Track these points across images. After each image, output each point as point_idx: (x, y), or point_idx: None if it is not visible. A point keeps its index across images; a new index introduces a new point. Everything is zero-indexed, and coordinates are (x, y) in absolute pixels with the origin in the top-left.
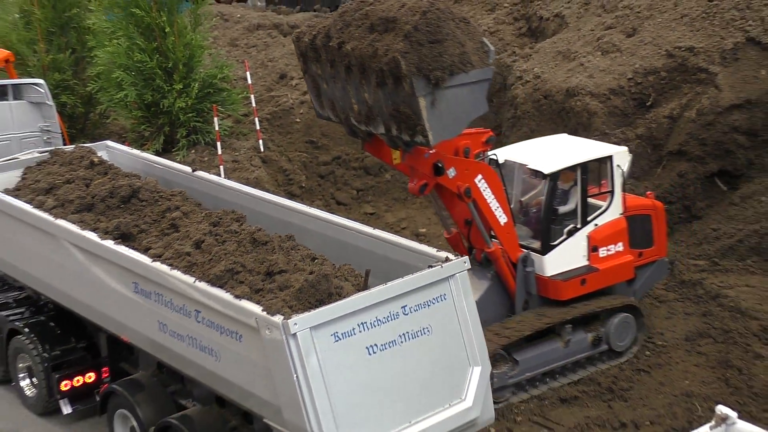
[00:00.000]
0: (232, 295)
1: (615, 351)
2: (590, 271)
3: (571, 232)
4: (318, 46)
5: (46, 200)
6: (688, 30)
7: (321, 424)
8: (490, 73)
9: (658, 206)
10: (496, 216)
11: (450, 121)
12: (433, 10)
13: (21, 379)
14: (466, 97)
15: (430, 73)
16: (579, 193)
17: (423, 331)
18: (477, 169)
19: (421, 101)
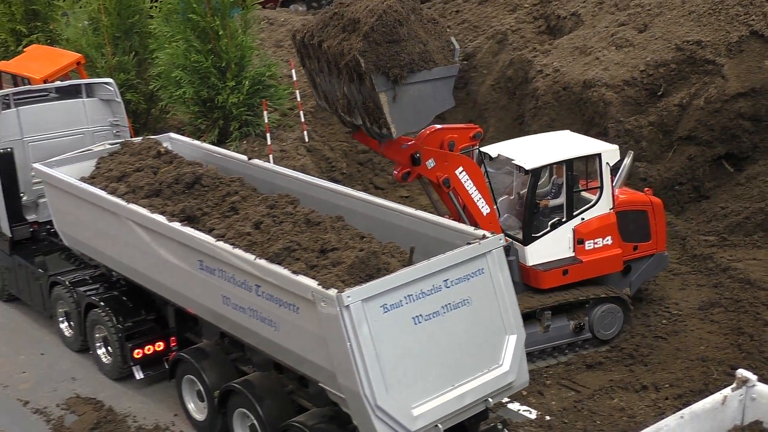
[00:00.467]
0: (290, 271)
1: (599, 339)
2: (573, 262)
3: (555, 225)
4: (306, 44)
5: (118, 187)
6: (695, 25)
7: (372, 388)
8: (455, 70)
9: (655, 202)
10: (478, 207)
11: (413, 115)
12: (391, 12)
13: (97, 348)
14: (430, 92)
15: (388, 71)
16: (564, 188)
17: (463, 303)
18: (457, 162)
19: (382, 96)
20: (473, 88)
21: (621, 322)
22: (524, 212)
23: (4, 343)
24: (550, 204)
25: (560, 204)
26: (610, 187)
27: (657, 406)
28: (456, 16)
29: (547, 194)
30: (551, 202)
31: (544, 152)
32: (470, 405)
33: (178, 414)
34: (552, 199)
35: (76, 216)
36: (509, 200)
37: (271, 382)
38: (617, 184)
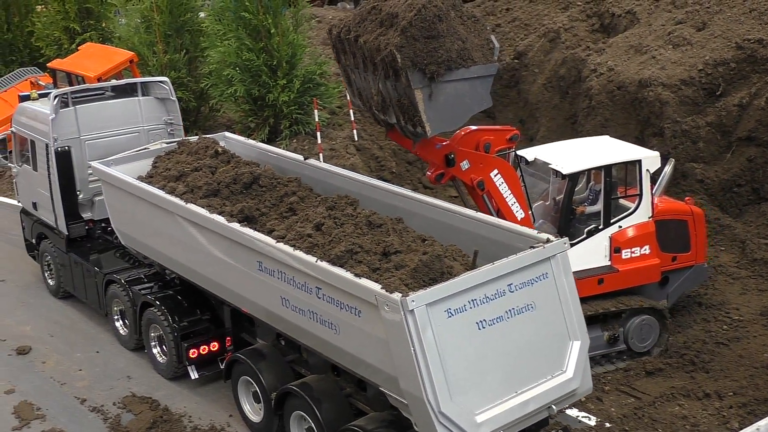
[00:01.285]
0: (353, 273)
1: (634, 351)
2: (609, 271)
3: (592, 232)
4: (342, 39)
5: (177, 186)
6: (757, 23)
7: (436, 393)
8: (494, 69)
9: (696, 212)
10: (512, 210)
11: (449, 114)
12: (430, 6)
13: (153, 347)
14: (468, 91)
15: (425, 67)
16: (602, 195)
17: (527, 308)
18: (493, 164)
19: (418, 93)
20: (524, 87)
21: (657, 334)
22: (560, 218)
23: (60, 341)
24: (587, 211)
25: (597, 211)
26: (650, 195)
27: (721, 414)
28: (506, 14)
29: (584, 200)
30: (588, 208)
31: (582, 157)
32: (533, 412)
33: (234, 415)
34: (589, 206)
35: (133, 214)
36: (544, 206)
37: (329, 385)
38: (657, 191)
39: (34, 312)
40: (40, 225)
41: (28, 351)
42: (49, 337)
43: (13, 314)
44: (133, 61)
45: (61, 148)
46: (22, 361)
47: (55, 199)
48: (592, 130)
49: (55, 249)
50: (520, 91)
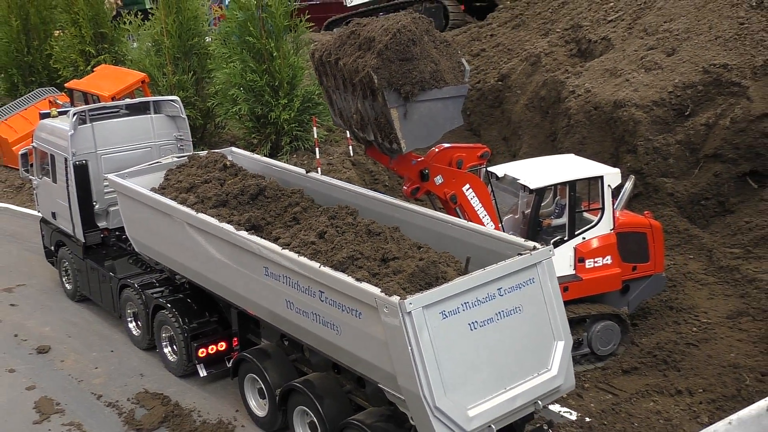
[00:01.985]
0: (354, 278)
1: (597, 354)
2: (574, 279)
3: (557, 243)
4: (324, 62)
5: (188, 197)
6: (722, 49)
7: (431, 390)
8: (464, 90)
9: (654, 225)
10: (484, 223)
11: (423, 132)
12: (405, 31)
13: (164, 346)
14: (440, 110)
15: (400, 87)
16: (567, 209)
17: (516, 310)
18: (464, 179)
19: (393, 112)
20: (507, 107)
21: (618, 339)
22: (528, 230)
23: (77, 341)
24: (553, 223)
25: (562, 223)
26: (611, 209)
27: (692, 410)
28: (491, 39)
29: (551, 214)
30: (554, 221)
31: (548, 173)
32: (521, 407)
33: (240, 410)
34: (555, 219)
35: (147, 223)
36: (514, 219)
37: (330, 382)
38: (618, 206)
39: (53, 314)
40: (59, 233)
41: (47, 350)
42: (67, 338)
43: (33, 316)
44: (144, 82)
45: (78, 162)
46: (42, 359)
47: (73, 209)
48: (571, 147)
49: (73, 255)
50: (504, 111)
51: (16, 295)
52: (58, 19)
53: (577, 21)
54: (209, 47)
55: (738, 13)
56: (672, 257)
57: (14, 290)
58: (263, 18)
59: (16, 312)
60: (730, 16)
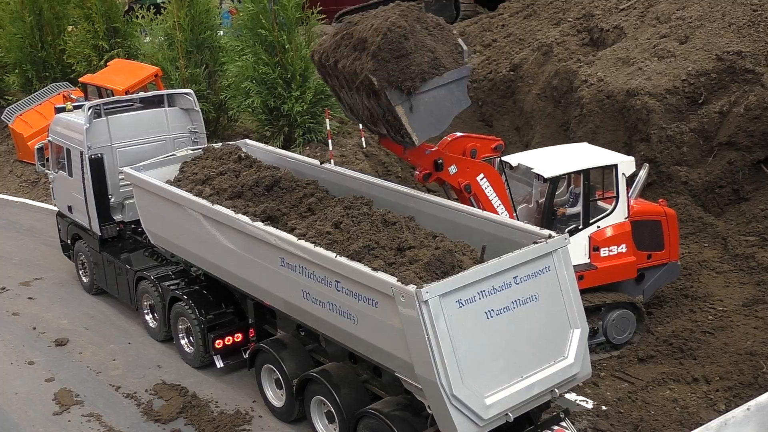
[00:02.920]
0: (370, 268)
1: (612, 343)
2: (589, 268)
3: (572, 232)
4: (323, 64)
5: (203, 189)
6: (735, 36)
7: (449, 378)
8: (466, 71)
9: (669, 213)
10: (498, 212)
11: (432, 121)
12: (395, 29)
13: (181, 338)
14: (445, 96)
15: (401, 84)
16: (581, 197)
17: (532, 298)
18: (479, 169)
19: (399, 109)
20: (520, 97)
21: (634, 327)
22: (542, 219)
23: (95, 333)
24: (567, 212)
25: (577, 212)
26: (626, 197)
27: (709, 397)
28: (502, 29)
29: (565, 203)
30: (568, 210)
31: (562, 162)
32: (538, 395)
33: (257, 400)
34: (569, 208)
35: (163, 216)
36: (528, 208)
37: (347, 372)
38: (633, 194)
39: (70, 307)
40: (75, 227)
41: (65, 342)
42: (85, 330)
43: (51, 309)
44: (157, 76)
45: (94, 156)
46: (60, 352)
47: (89, 202)
48: (583, 137)
49: (89, 249)
50: (516, 101)
51: (33, 289)
52: (71, 15)
53: (589, 10)
54: (221, 40)
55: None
56: (687, 245)
57: (32, 284)
58: (275, 10)
59: (34, 305)
60: (743, 2)
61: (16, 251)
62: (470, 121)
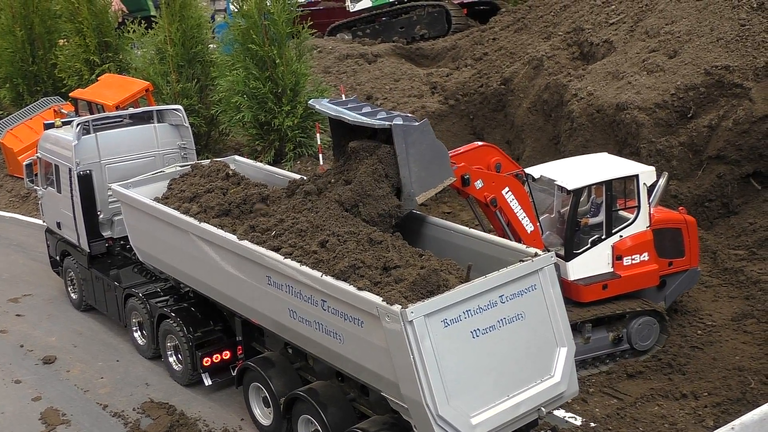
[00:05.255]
0: (355, 287)
1: (637, 350)
2: (613, 277)
3: (595, 242)
4: None
5: (191, 207)
6: (723, 51)
7: (434, 398)
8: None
9: (689, 221)
10: (523, 224)
11: (428, 175)
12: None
13: (169, 355)
14: (424, 157)
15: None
16: (604, 207)
17: (518, 317)
18: (504, 182)
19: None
20: (510, 110)
21: (657, 333)
22: (566, 230)
23: (83, 351)
24: (590, 222)
25: (599, 222)
26: (647, 206)
27: (697, 413)
28: (493, 43)
29: (587, 213)
30: (591, 220)
31: (584, 173)
32: (524, 414)
33: (245, 419)
34: (591, 218)
35: (151, 233)
36: (550, 218)
37: (334, 391)
38: (653, 203)
39: (58, 324)
40: (64, 243)
41: (53, 360)
42: (73, 347)
43: (39, 326)
44: (148, 90)
45: (83, 172)
46: (48, 369)
47: (78, 219)
48: (574, 150)
49: (78, 265)
50: (507, 114)
51: (22, 305)
52: (63, 29)
53: (579, 24)
54: (213, 55)
55: (739, 14)
56: None
57: (20, 300)
58: (266, 25)
59: (22, 322)
60: (731, 17)
61: (5, 267)
62: (462, 134)
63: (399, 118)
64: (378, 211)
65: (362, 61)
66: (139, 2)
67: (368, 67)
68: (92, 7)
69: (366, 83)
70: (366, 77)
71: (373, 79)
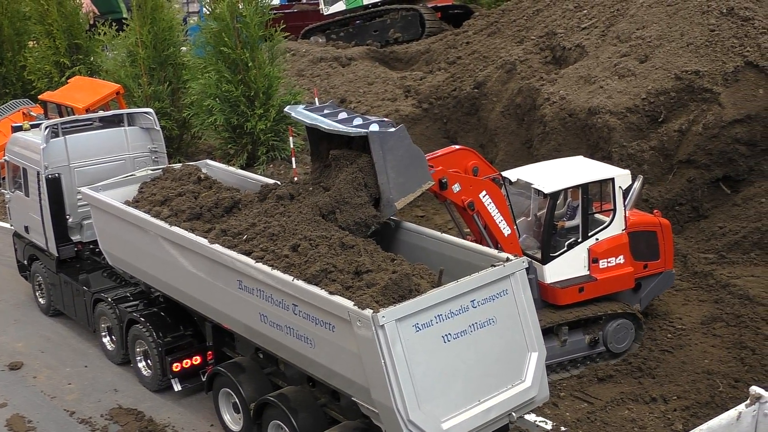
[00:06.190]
0: (327, 291)
1: (612, 352)
2: (589, 280)
3: (572, 245)
4: None
5: (162, 210)
6: (693, 56)
7: (405, 403)
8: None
9: (663, 224)
10: (500, 228)
11: (406, 180)
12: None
13: (138, 361)
14: (403, 162)
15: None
16: (580, 211)
17: (489, 322)
18: (481, 186)
19: (388, 209)
20: (483, 114)
21: (633, 336)
22: (543, 233)
23: (51, 356)
24: (566, 225)
25: (576, 225)
26: (623, 210)
27: (666, 417)
28: (467, 47)
29: (563, 216)
30: (567, 223)
31: (561, 177)
32: (495, 419)
33: (215, 424)
34: (568, 221)
35: (121, 237)
36: (527, 222)
37: (305, 396)
38: (628, 206)
39: (26, 329)
40: (32, 247)
41: (20, 366)
42: (40, 353)
43: (6, 332)
44: (119, 93)
45: (51, 175)
46: (14, 376)
47: (46, 222)
48: (546, 154)
49: (46, 270)
50: (480, 118)
51: None
52: (32, 31)
53: (552, 28)
54: (184, 57)
55: (709, 20)
56: None
57: None
58: (238, 28)
59: None
60: (701, 23)
61: None
62: (435, 138)
63: (375, 124)
64: (354, 219)
65: (336, 65)
66: (110, 4)
67: (342, 70)
68: (62, 9)
69: (340, 86)
70: (340, 80)
71: (347, 83)
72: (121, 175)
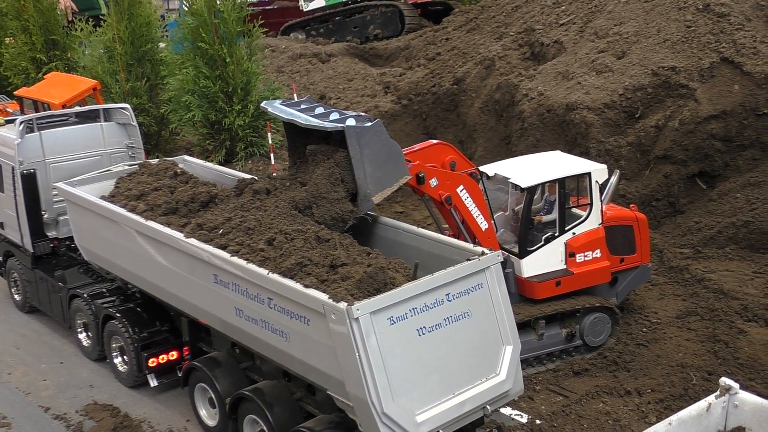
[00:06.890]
0: (302, 285)
1: (589, 345)
2: (566, 274)
3: (549, 239)
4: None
5: (138, 205)
6: (670, 52)
7: (379, 396)
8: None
9: (640, 218)
10: (477, 222)
11: (384, 174)
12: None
13: (114, 357)
14: (380, 155)
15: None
16: (557, 205)
17: (464, 315)
18: (458, 181)
19: (364, 205)
20: (463, 110)
21: (609, 329)
22: (520, 227)
23: (26, 353)
24: (544, 219)
25: (553, 219)
26: (599, 204)
27: (640, 410)
28: (446, 43)
29: (540, 210)
30: (544, 217)
31: (538, 171)
32: (470, 412)
33: (191, 420)
34: (545, 215)
35: (97, 232)
36: (504, 216)
37: (280, 390)
38: (605, 200)
39: (1, 326)
40: (7, 243)
41: None
42: (16, 349)
43: None
44: (96, 89)
45: (26, 171)
46: None
47: (21, 218)
48: (525, 150)
49: (22, 266)
50: (459, 114)
51: None
52: (8, 26)
53: (530, 24)
54: (162, 53)
55: (685, 16)
56: None
57: None
58: (216, 24)
59: None
60: (677, 19)
61: None
62: (414, 134)
63: (352, 119)
64: (331, 214)
65: (315, 61)
66: (90, 1)
67: (322, 66)
68: (39, 5)
69: (319, 83)
70: (319, 77)
71: (327, 79)
72: (97, 171)
